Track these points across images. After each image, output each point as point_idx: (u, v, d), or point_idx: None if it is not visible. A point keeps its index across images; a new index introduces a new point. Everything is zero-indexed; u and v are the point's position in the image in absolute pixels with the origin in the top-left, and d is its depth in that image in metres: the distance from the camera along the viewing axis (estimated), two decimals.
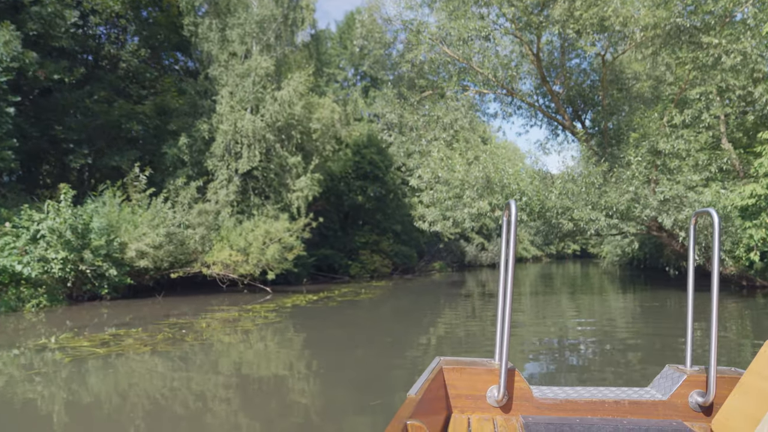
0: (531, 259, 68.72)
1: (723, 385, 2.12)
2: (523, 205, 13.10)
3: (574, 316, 10.99)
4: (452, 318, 10.90)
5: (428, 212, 13.62)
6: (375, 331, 9.27)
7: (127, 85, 19.68)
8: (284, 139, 20.21)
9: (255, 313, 11.45)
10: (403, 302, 15.30)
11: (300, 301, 14.16)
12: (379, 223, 31.17)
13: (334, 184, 27.98)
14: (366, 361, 6.46)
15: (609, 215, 13.40)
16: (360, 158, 28.77)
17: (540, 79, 16.82)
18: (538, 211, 13.29)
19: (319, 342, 7.95)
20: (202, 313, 11.43)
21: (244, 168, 18.84)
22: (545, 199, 13.17)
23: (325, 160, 21.60)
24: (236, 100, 19.08)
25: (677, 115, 14.56)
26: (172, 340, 7.81)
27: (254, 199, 19.86)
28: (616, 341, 7.65)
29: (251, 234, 16.65)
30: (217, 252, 16.48)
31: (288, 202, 19.76)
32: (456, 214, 13.06)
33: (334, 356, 6.71)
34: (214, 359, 6.43)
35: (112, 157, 17.75)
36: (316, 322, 10.28)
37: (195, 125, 19.00)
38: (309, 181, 19.57)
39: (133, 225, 15.50)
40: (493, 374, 2.19)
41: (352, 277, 27.51)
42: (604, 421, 2.10)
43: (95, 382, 5.32)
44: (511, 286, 2.14)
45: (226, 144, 18.99)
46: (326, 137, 20.56)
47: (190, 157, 19.03)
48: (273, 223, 17.13)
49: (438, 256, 39.77)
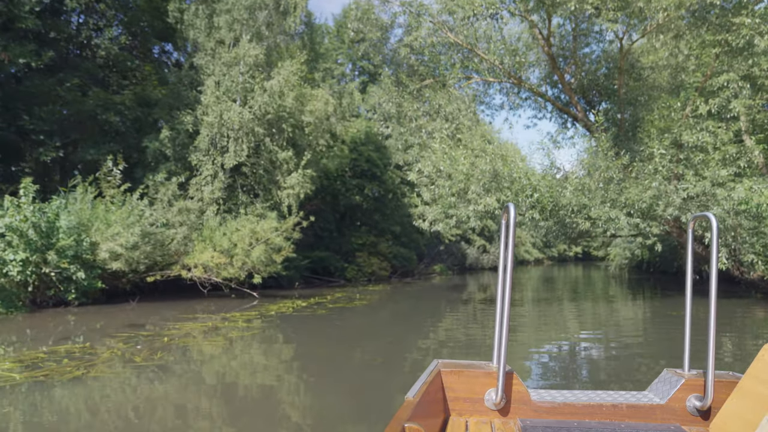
0: (532, 262, 67.22)
1: (721, 389, 2.11)
2: (534, 202, 11.77)
3: (583, 328, 9.64)
4: (452, 325, 9.55)
5: (429, 210, 12.27)
6: (363, 347, 7.92)
7: (107, 75, 18.35)
8: (274, 133, 18.88)
9: (232, 323, 10.10)
10: (400, 308, 13.96)
11: (286, 308, 12.81)
12: (377, 224, 29.81)
13: (330, 182, 26.64)
14: (343, 390, 5.13)
15: (629, 214, 12.05)
16: (357, 156, 27.43)
17: (550, 67, 15.50)
18: (551, 210, 11.96)
19: (295, 361, 6.61)
20: (172, 323, 10.08)
21: (230, 163, 17.50)
22: (559, 196, 11.83)
23: (319, 156, 20.24)
24: (222, 91, 17.75)
25: (702, 105, 13.23)
26: (117, 360, 6.46)
27: (242, 196, 18.52)
28: (639, 361, 6.30)
29: (236, 234, 15.30)
30: (199, 253, 15.13)
31: (278, 200, 18.41)
32: (460, 211, 11.72)
33: (310, 379, 5.38)
34: (156, 391, 5.09)
35: (87, 150, 16.41)
36: (298, 335, 8.93)
37: (178, 117, 17.67)
38: (301, 178, 18.22)
39: (106, 224, 14.16)
40: (491, 377, 2.18)
41: (349, 280, 26.16)
42: (601, 424, 2.09)
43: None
44: (510, 289, 2.11)
45: (211, 137, 17.66)
46: (319, 131, 19.22)
47: (173, 151, 17.69)
48: (259, 222, 15.77)
49: (438, 259, 38.41)
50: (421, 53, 15.17)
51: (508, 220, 2.18)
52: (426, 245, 36.61)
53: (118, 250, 13.61)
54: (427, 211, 12.31)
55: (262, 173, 18.61)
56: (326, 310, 12.46)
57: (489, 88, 16.91)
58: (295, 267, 22.60)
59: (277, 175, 18.61)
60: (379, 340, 8.49)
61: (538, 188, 11.56)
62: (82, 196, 14.28)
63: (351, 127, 28.99)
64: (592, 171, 12.21)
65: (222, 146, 17.80)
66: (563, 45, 15.33)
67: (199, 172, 17.56)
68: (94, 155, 16.18)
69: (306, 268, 24.59)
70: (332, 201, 27.15)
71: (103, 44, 18.33)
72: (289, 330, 9.40)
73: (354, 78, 34.27)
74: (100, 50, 18.28)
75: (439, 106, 14.19)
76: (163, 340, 7.96)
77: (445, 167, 11.83)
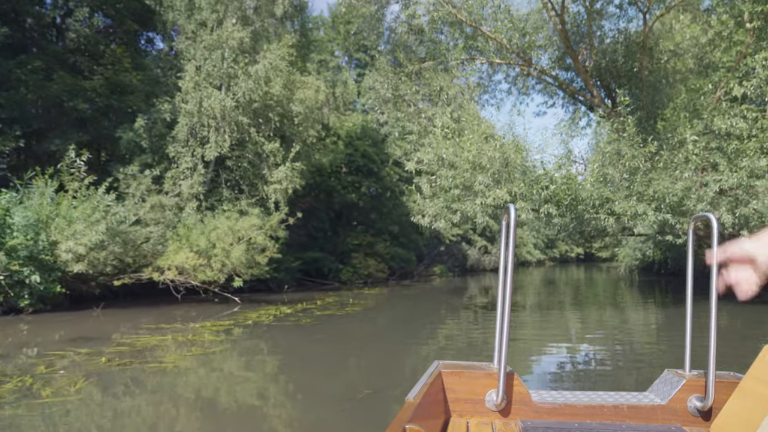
0: (534, 263, 65.68)
1: (722, 390, 2.09)
2: (549, 195, 10.24)
3: (595, 342, 8.11)
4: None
5: (429, 205, 10.73)
6: (347, 372, 6.40)
7: (78, 59, 16.81)
8: (261, 123, 17.35)
9: (196, 336, 8.56)
10: (397, 314, 12.44)
11: (267, 317, 11.28)
12: (373, 224, 28.26)
13: (324, 179, 25.12)
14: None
15: (658, 208, 10.53)
16: (353, 151, 25.90)
17: (563, 48, 13.98)
18: (568, 204, 10.43)
19: (250, 398, 5.08)
20: (129, 335, 8.55)
21: (211, 155, 15.97)
22: (578, 188, 10.31)
23: (310, 148, 18.70)
24: (203, 76, 16.22)
25: (736, 87, 11.72)
26: (15, 393, 4.92)
27: (226, 192, 17.00)
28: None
29: (214, 233, 13.76)
30: (173, 254, 13.60)
31: (265, 195, 16.88)
32: (465, 206, 10.18)
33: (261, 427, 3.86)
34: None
35: (53, 141, 14.87)
36: (265, 356, 7.41)
37: (155, 105, 16.15)
38: (289, 172, 16.70)
39: (67, 221, 12.63)
40: (491, 378, 2.16)
41: (344, 283, 24.64)
42: (603, 425, 2.08)
43: None
44: (511, 289, 2.08)
45: (190, 127, 16.13)
46: (310, 122, 17.69)
47: (149, 142, 16.17)
48: (239, 219, 14.22)
49: (438, 260, 36.88)
50: (420, 31, 13.64)
51: (508, 221, 2.13)
52: (426, 246, 35.08)
53: (79, 250, 12.09)
54: (427, 205, 10.76)
55: (247, 166, 17.09)
56: (312, 318, 10.92)
57: (495, 73, 15.39)
58: (286, 269, 21.11)
59: (263, 169, 17.09)
60: (367, 361, 6.97)
61: (555, 179, 10.05)
62: (41, 190, 12.76)
63: (347, 121, 27.49)
64: (614, 160, 10.68)
65: (202, 137, 16.27)
66: (577, 23, 13.81)
67: (177, 164, 16.03)
68: (60, 146, 14.64)
69: (298, 270, 23.08)
70: (326, 199, 25.62)
71: (74, 26, 16.80)
72: (257, 348, 7.88)
73: (350, 70, 32.74)
74: (69, 32, 16.75)
75: (440, 88, 12.66)
76: (101, 360, 6.42)
77: (448, 155, 10.31)
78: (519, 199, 9.75)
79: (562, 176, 10.05)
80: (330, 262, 24.90)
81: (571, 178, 10.37)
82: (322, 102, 18.09)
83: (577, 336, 8.72)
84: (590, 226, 11.94)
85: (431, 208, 10.61)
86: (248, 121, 16.65)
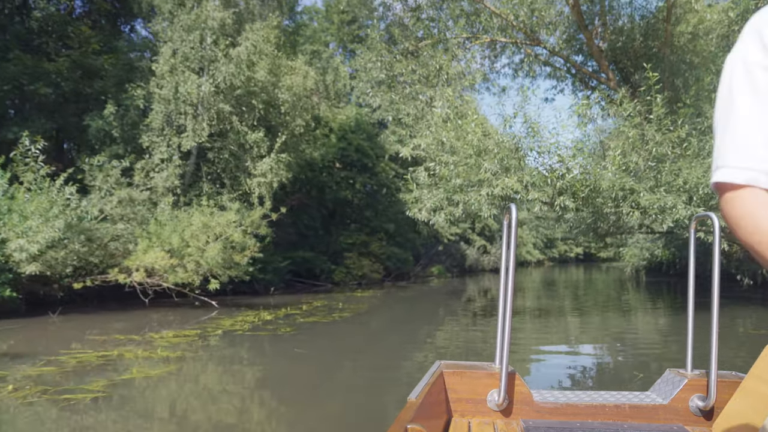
0: (533, 263, 64.36)
1: (724, 389, 2.08)
2: (566, 185, 8.89)
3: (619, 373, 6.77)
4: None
5: (427, 197, 9.33)
6: (321, 404, 5.04)
7: (44, 40, 15.38)
8: (244, 111, 15.97)
9: (149, 350, 7.18)
10: (390, 321, 11.09)
11: (242, 324, 9.90)
12: (368, 222, 26.86)
13: (315, 174, 23.71)
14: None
15: (689, 201, 9.19)
16: (346, 145, 24.49)
17: (576, 27, 12.64)
18: (586, 196, 9.08)
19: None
20: (69, 350, 7.16)
21: (188, 145, 14.58)
22: (598, 178, 8.96)
23: (298, 139, 17.31)
24: (179, 59, 14.83)
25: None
26: None
27: (206, 186, 15.61)
28: None
29: (188, 230, 12.37)
30: (142, 254, 12.20)
31: (248, 189, 15.49)
32: (468, 197, 8.81)
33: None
34: None
35: (10, 128, 13.46)
36: (223, 377, 6.03)
37: (128, 91, 14.76)
38: (274, 164, 15.31)
39: (22, 216, 11.24)
40: (493, 378, 2.14)
41: (336, 284, 23.27)
42: (604, 425, 2.07)
43: None
44: (512, 289, 2.08)
45: (165, 114, 14.74)
46: (298, 110, 16.31)
47: (121, 131, 14.77)
48: (216, 215, 12.83)
49: (436, 260, 35.51)
50: (417, 8, 12.26)
51: (510, 221, 2.11)
52: (423, 245, 33.72)
53: (31, 249, 10.69)
54: (424, 197, 9.35)
55: (229, 158, 15.71)
56: (293, 327, 9.54)
57: (498, 58, 14.01)
58: (274, 270, 19.76)
59: (246, 161, 15.70)
60: (349, 386, 5.61)
61: (572, 168, 8.71)
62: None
63: (340, 113, 26.12)
64: (638, 146, 9.33)
65: (179, 125, 14.88)
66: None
67: (151, 155, 14.62)
68: (19, 134, 13.22)
69: (288, 271, 21.71)
70: (318, 195, 24.22)
71: (40, 3, 15.38)
72: (216, 369, 6.50)
73: (345, 62, 31.33)
74: (34, 11, 15.33)
75: (439, 67, 11.28)
76: (6, 390, 5.04)
77: (449, 139, 8.93)
78: (531, 189, 8.41)
79: (579, 164, 8.70)
80: (322, 263, 23.52)
81: (589, 167, 9.02)
82: (311, 89, 16.72)
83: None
84: (608, 221, 10.59)
85: (430, 200, 9.21)
86: (230, 109, 15.27)
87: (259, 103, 15.71)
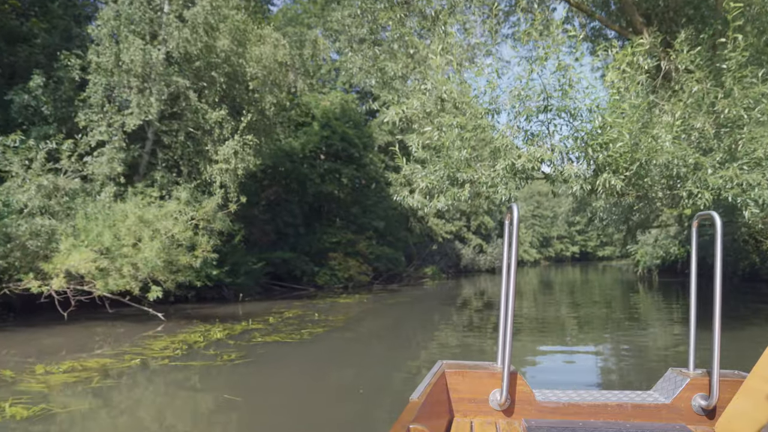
0: (529, 263, 62.19)
1: (726, 389, 2.05)
2: (610, 158, 6.52)
3: None
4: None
5: (421, 175, 6.86)
6: None
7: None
8: (204, 87, 13.52)
9: (16, 398, 4.73)
10: (371, 342, 8.68)
11: (178, 347, 7.45)
12: (355, 219, 24.42)
13: (295, 165, 21.25)
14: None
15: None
16: (330, 132, 22.03)
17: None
18: (633, 174, 6.72)
19: None
20: None
21: (133, 124, 12.10)
22: (650, 148, 6.61)
23: (270, 121, 14.85)
24: (123, 21, 12.34)
25: None
26: None
27: (158, 174, 13.12)
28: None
29: (123, 225, 9.89)
30: (65, 255, 9.71)
31: (208, 178, 13.04)
32: (479, 174, 6.40)
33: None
34: None
35: None
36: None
37: (59, 59, 12.26)
38: (239, 147, 12.87)
39: None
40: (495, 378, 2.13)
41: (320, 287, 20.87)
42: (607, 424, 2.02)
43: None
44: (514, 289, 2.04)
45: (106, 88, 12.26)
46: (268, 86, 13.86)
47: (52, 107, 12.27)
48: (153, 205, 10.34)
49: (430, 260, 33.13)
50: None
51: (511, 220, 2.09)
52: (416, 245, 31.34)
53: None
54: (417, 175, 6.88)
55: (185, 141, 13.23)
56: (241, 352, 7.10)
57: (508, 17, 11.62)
58: (247, 272, 17.33)
59: (206, 144, 13.24)
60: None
61: (617, 136, 6.34)
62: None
63: (323, 100, 23.69)
64: (704, 107, 6.98)
65: (123, 101, 12.41)
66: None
67: (90, 136, 12.11)
68: None
69: (265, 274, 19.29)
70: (298, 189, 21.76)
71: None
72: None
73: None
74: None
75: (435, 14, 8.83)
76: None
77: (453, 95, 6.51)
78: (569, 160, 6.08)
79: (628, 129, 6.34)
80: (303, 264, 21.09)
81: (637, 133, 6.65)
82: (283, 61, 14.27)
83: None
84: (651, 207, 8.24)
85: (425, 178, 6.76)
86: (186, 83, 12.81)
87: (221, 76, 13.27)
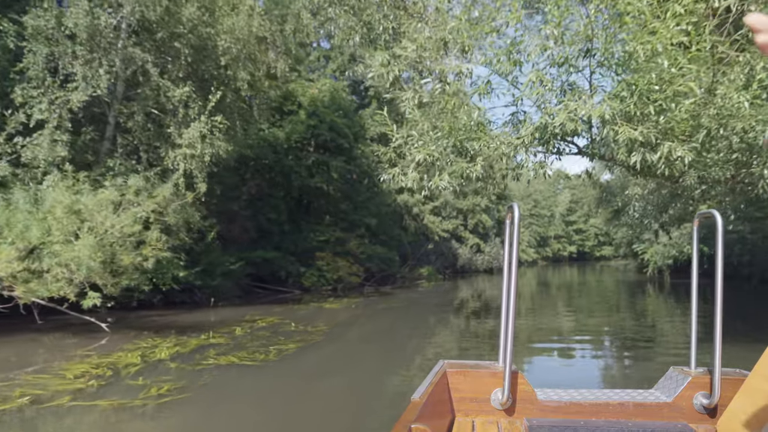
0: (526, 263, 60.67)
1: (728, 387, 2.06)
2: (672, 122, 4.81)
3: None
4: None
5: (418, 144, 5.10)
6: None
7: None
8: (168, 62, 11.74)
9: None
10: (351, 364, 6.93)
11: (101, 373, 5.69)
12: (345, 216, 22.64)
13: (279, 157, 19.48)
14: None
15: None
16: (317, 121, 20.24)
17: None
18: (703, 142, 5.01)
19: None
20: None
21: (78, 100, 10.29)
22: (722, 110, 4.90)
23: (244, 103, 13.07)
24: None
25: None
26: None
27: (116, 162, 11.30)
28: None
29: (52, 216, 8.09)
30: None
31: (171, 164, 11.24)
32: (495, 143, 4.67)
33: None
34: None
35: None
36: None
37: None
38: (206, 129, 11.09)
39: None
40: (497, 377, 2.14)
41: (307, 290, 19.14)
42: (608, 423, 2.06)
43: None
44: (515, 288, 2.05)
45: (47, 58, 10.46)
46: (241, 60, 12.09)
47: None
48: (86, 193, 8.54)
49: (425, 260, 31.44)
50: None
51: (512, 219, 2.07)
52: (411, 244, 29.63)
53: None
54: (412, 145, 5.10)
55: (144, 123, 11.44)
56: (179, 383, 5.33)
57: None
58: (223, 273, 15.57)
59: (168, 126, 11.45)
60: None
61: (689, 87, 4.64)
62: None
63: (311, 87, 21.93)
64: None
65: (67, 73, 10.60)
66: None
67: (30, 114, 10.29)
68: None
69: (246, 275, 17.52)
70: (283, 183, 19.97)
71: None
72: None
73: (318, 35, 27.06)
74: None
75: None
76: None
77: (460, 38, 4.79)
78: (622, 123, 4.33)
79: (698, 82, 4.64)
80: (288, 264, 19.31)
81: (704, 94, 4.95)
82: (260, 34, 12.50)
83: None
84: (707, 195, 6.52)
85: (422, 149, 4.97)
86: (145, 56, 11.02)
87: (186, 47, 11.48)
